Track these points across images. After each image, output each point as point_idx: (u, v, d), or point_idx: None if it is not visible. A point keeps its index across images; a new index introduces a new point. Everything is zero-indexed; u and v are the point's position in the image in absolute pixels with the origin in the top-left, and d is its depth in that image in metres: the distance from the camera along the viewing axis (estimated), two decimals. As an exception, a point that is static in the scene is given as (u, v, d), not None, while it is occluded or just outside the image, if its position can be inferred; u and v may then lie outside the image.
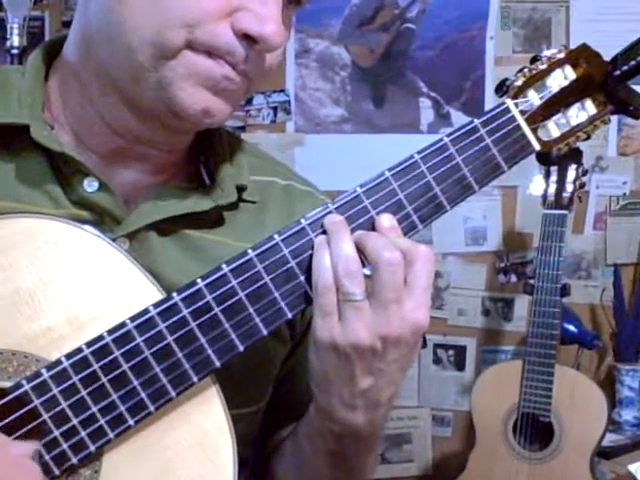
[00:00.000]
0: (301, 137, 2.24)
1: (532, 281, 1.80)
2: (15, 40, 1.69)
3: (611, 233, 2.19)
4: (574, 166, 1.80)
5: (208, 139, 0.74)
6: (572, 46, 0.70)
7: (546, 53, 0.69)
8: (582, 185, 1.82)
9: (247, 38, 0.61)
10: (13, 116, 0.66)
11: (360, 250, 0.60)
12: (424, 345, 2.25)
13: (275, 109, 2.23)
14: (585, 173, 1.82)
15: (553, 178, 1.80)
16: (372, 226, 0.62)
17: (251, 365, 0.69)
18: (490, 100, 2.18)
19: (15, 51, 1.69)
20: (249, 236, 0.69)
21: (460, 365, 2.25)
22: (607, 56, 0.70)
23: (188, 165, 0.74)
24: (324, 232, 0.61)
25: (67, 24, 2.28)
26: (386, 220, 0.62)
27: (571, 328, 1.98)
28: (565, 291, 1.78)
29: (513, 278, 2.21)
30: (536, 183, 2.03)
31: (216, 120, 0.65)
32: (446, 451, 2.24)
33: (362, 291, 0.59)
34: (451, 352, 2.25)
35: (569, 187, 1.79)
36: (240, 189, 0.72)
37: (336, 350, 0.59)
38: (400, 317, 0.59)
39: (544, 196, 1.81)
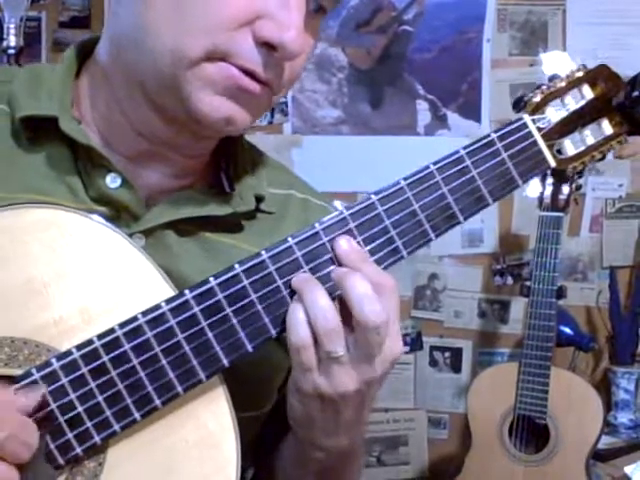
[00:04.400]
0: (298, 138, 2.24)
1: (528, 283, 1.81)
2: (12, 40, 1.69)
3: (607, 235, 2.19)
4: (570, 168, 1.80)
5: (230, 147, 0.75)
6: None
7: (565, 73, 0.69)
8: (578, 187, 1.82)
9: (267, 46, 0.61)
10: (43, 108, 0.67)
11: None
12: (420, 347, 2.25)
13: (272, 110, 2.23)
14: (581, 175, 1.82)
15: (549, 180, 1.80)
16: (383, 233, 0.62)
17: (257, 370, 0.69)
18: (487, 103, 2.19)
19: (12, 51, 1.69)
20: (266, 243, 0.69)
21: (456, 367, 2.25)
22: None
23: (210, 171, 0.75)
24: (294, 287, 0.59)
25: (64, 24, 2.28)
26: (344, 243, 0.60)
27: (567, 330, 1.98)
28: (561, 293, 1.78)
29: (509, 280, 2.21)
30: (532, 185, 2.02)
31: (238, 127, 0.65)
32: (442, 453, 2.24)
33: (343, 346, 0.58)
34: (447, 354, 2.25)
35: (565, 189, 1.79)
36: (258, 199, 0.73)
37: (322, 398, 0.60)
38: (382, 359, 0.59)
39: (540, 198, 1.82)
